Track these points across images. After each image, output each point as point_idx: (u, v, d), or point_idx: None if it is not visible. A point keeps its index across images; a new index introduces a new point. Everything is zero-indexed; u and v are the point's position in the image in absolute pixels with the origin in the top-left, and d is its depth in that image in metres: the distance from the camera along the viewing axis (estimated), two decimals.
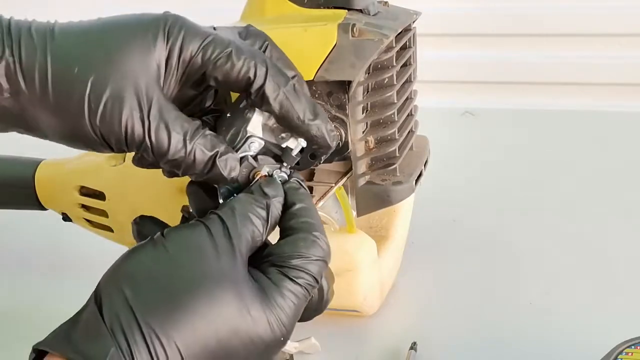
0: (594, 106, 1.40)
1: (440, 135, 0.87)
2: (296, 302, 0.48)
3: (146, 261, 0.46)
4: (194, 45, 0.50)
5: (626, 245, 0.87)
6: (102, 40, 0.50)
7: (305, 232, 0.50)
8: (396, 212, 0.80)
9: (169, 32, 0.50)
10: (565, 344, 0.71)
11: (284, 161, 0.54)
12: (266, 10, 0.70)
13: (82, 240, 0.88)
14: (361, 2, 0.69)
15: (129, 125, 0.49)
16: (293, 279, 0.48)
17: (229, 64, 0.51)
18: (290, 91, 0.52)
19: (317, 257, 0.50)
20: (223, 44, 0.51)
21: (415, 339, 0.72)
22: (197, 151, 0.50)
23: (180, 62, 0.51)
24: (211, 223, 0.48)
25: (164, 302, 0.45)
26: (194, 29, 0.51)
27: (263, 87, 0.51)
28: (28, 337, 0.79)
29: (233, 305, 0.46)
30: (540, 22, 1.49)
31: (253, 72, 0.51)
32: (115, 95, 0.48)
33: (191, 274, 0.46)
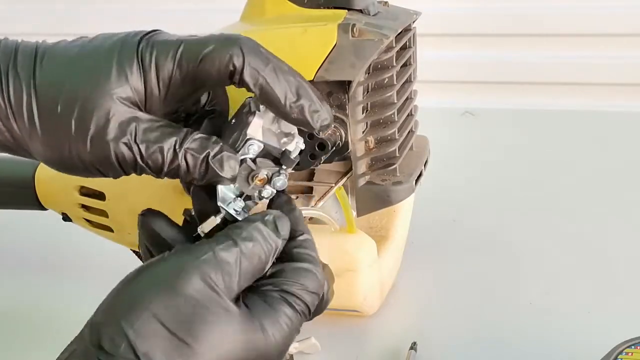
0: (594, 106, 1.40)
1: (440, 135, 0.87)
2: (291, 326, 0.49)
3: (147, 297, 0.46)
4: (169, 64, 0.51)
5: (626, 245, 0.87)
6: (81, 73, 0.51)
7: (308, 264, 0.51)
8: (396, 212, 0.80)
9: (142, 57, 0.51)
10: (565, 344, 0.71)
11: (283, 164, 0.54)
12: (266, 10, 0.70)
13: (82, 240, 0.88)
14: (361, 2, 0.69)
15: (119, 155, 0.50)
16: (290, 304, 0.49)
17: (206, 66, 0.51)
18: (270, 74, 0.51)
19: (314, 291, 0.51)
20: (195, 49, 0.51)
21: (415, 339, 0.72)
22: (188, 156, 0.50)
23: (160, 83, 0.51)
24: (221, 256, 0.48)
25: (167, 340, 0.44)
26: (165, 45, 0.51)
27: (242, 75, 0.51)
28: (28, 337, 0.79)
29: (232, 336, 0.46)
30: (540, 22, 1.49)
31: (231, 64, 0.50)
32: (99, 131, 0.50)
33: (193, 309, 0.45)
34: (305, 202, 0.75)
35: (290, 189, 0.76)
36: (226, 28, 0.73)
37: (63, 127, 0.50)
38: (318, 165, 0.69)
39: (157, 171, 0.51)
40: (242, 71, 0.50)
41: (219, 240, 0.49)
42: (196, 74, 0.51)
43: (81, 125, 0.50)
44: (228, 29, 0.72)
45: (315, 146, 0.66)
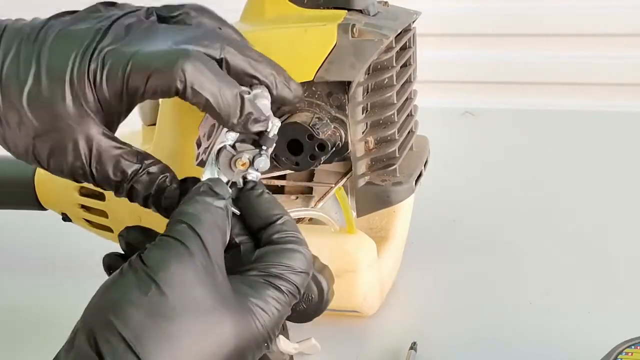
0: (594, 106, 1.40)
1: (440, 135, 0.87)
2: (279, 308, 0.49)
3: (134, 293, 0.46)
4: (118, 81, 0.51)
5: (626, 245, 0.87)
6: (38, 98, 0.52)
7: (291, 244, 0.51)
8: (396, 212, 0.80)
9: (95, 79, 0.51)
10: (565, 344, 0.71)
11: (262, 145, 0.54)
12: (266, 11, 0.70)
13: (82, 240, 0.88)
14: (361, 3, 0.69)
15: (74, 171, 0.53)
16: (276, 287, 0.49)
17: (154, 83, 0.51)
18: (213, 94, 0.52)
19: (301, 270, 0.51)
20: (142, 67, 0.51)
21: (415, 339, 0.72)
22: (135, 191, 0.54)
23: (113, 99, 0.52)
24: (186, 239, 0.48)
25: (158, 336, 0.45)
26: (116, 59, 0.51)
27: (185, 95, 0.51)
28: (28, 337, 0.79)
29: (222, 322, 0.46)
30: (540, 22, 1.49)
31: (174, 85, 0.51)
32: (57, 149, 0.52)
33: (179, 298, 0.46)
34: (305, 203, 0.75)
35: (290, 189, 0.76)
36: None
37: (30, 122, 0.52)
38: (318, 166, 0.69)
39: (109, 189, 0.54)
40: (185, 92, 0.51)
41: (173, 228, 0.49)
42: (146, 90, 0.51)
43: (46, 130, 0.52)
44: None
45: (315, 147, 0.66)
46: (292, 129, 0.67)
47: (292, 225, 0.52)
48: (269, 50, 0.68)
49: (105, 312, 0.45)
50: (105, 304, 0.46)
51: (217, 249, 0.48)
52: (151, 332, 0.44)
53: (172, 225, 0.49)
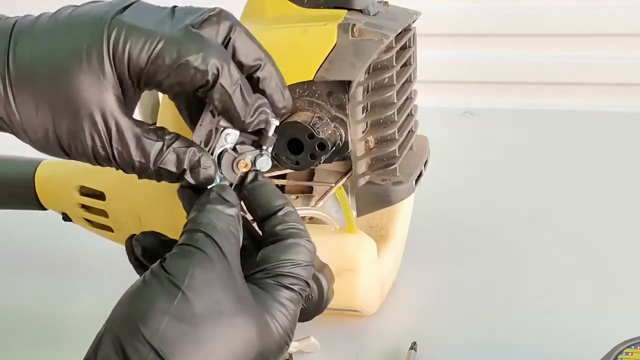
0: (594, 106, 1.40)
1: (440, 135, 0.87)
2: (294, 308, 0.50)
3: (161, 302, 0.46)
4: (143, 58, 0.49)
5: (626, 245, 0.87)
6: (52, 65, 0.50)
7: (295, 238, 0.51)
8: (396, 212, 0.80)
9: (114, 49, 0.49)
10: (565, 344, 0.71)
11: (262, 144, 0.54)
12: (266, 10, 0.70)
13: (82, 240, 0.88)
14: (361, 2, 0.69)
15: (95, 152, 0.50)
16: (288, 287, 0.50)
17: (181, 74, 0.50)
18: (236, 93, 0.51)
19: (307, 262, 0.51)
20: (174, 53, 0.49)
21: (415, 339, 0.72)
22: (163, 171, 0.51)
23: (133, 79, 0.50)
24: (205, 246, 0.48)
25: (186, 342, 0.45)
26: (140, 37, 0.49)
27: (212, 90, 0.51)
28: (28, 337, 0.79)
29: (246, 326, 0.47)
30: (540, 22, 1.49)
31: (204, 78, 0.50)
32: (75, 130, 0.50)
33: (205, 304, 0.46)
34: (305, 202, 0.75)
35: (290, 189, 0.76)
36: None
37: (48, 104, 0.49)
38: (318, 165, 0.69)
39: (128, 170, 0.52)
40: (213, 87, 0.50)
41: (190, 237, 0.48)
42: (167, 78, 0.50)
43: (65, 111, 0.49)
44: None
45: (315, 146, 0.66)
46: (292, 128, 0.67)
47: (294, 216, 0.52)
48: (269, 49, 0.68)
49: (132, 321, 0.45)
50: (132, 312, 0.46)
51: (233, 255, 0.49)
52: (179, 339, 0.45)
53: (188, 234, 0.49)
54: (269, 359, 0.48)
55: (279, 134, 0.67)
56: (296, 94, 0.69)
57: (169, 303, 0.45)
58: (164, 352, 0.44)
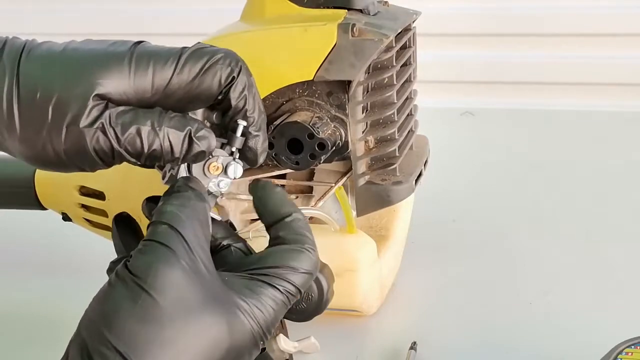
0: (594, 106, 1.40)
1: (440, 135, 0.87)
2: (275, 307, 0.49)
3: (125, 304, 0.45)
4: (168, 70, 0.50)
5: (626, 245, 0.87)
6: (66, 67, 0.50)
7: (298, 244, 0.51)
8: (396, 212, 0.80)
9: (137, 59, 0.50)
10: (565, 344, 0.71)
11: (231, 145, 0.53)
12: (266, 10, 0.70)
13: (82, 240, 0.88)
14: (361, 2, 0.69)
15: (95, 142, 0.49)
16: (273, 285, 0.49)
17: (208, 77, 0.50)
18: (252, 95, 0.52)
19: (305, 270, 0.50)
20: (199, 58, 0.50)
21: (415, 339, 0.72)
22: (171, 135, 0.50)
23: (153, 88, 0.50)
24: (169, 240, 0.47)
25: (152, 343, 0.44)
26: (165, 52, 0.51)
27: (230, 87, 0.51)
28: (28, 337, 0.79)
29: (214, 322, 0.46)
30: (540, 22, 1.49)
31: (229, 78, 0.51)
32: (74, 118, 0.49)
33: (170, 302, 0.45)
34: (305, 202, 0.75)
35: (290, 188, 0.76)
36: (226, 28, 0.73)
37: (40, 115, 0.49)
38: (318, 165, 0.69)
39: (137, 155, 0.50)
40: (232, 84, 0.51)
41: (154, 230, 0.48)
42: (194, 85, 0.50)
43: (57, 113, 0.49)
44: (228, 29, 0.72)
45: (315, 146, 0.66)
46: (292, 128, 0.67)
47: (301, 223, 0.52)
48: (269, 49, 0.68)
49: (97, 325, 0.45)
50: (97, 317, 0.46)
51: (201, 245, 0.48)
52: (146, 341, 0.44)
53: (153, 227, 0.48)
54: (242, 355, 0.47)
55: (279, 134, 0.67)
56: (296, 94, 0.69)
57: (133, 304, 0.45)
58: (130, 356, 0.44)
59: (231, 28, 0.72)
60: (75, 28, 1.11)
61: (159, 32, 1.61)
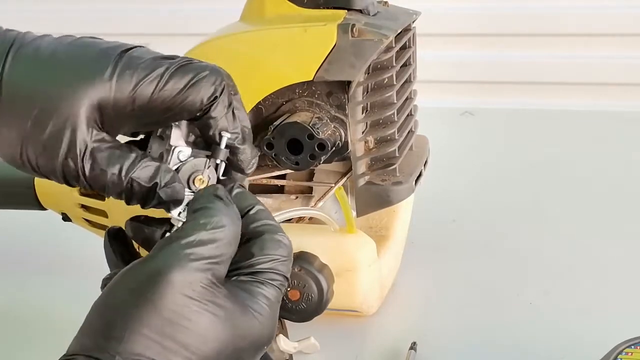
0: (594, 106, 1.40)
1: (440, 135, 0.87)
2: (274, 304, 0.49)
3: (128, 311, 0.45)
4: (151, 84, 0.49)
5: (626, 245, 0.87)
6: (50, 73, 0.49)
7: (270, 234, 0.50)
8: (396, 212, 0.80)
9: (121, 70, 0.49)
10: (565, 344, 0.71)
11: (215, 157, 0.53)
12: (266, 10, 0.70)
13: (82, 240, 0.88)
14: (361, 2, 0.69)
15: (65, 168, 0.50)
16: (265, 282, 0.49)
17: (191, 94, 0.50)
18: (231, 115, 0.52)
19: (284, 257, 0.50)
20: (186, 73, 0.50)
21: (415, 339, 0.72)
22: (135, 184, 0.50)
23: (135, 101, 0.50)
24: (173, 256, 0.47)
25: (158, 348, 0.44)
26: (152, 63, 0.50)
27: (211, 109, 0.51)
28: (28, 337, 0.79)
29: (220, 327, 0.46)
30: (540, 22, 1.49)
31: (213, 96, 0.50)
32: (52, 138, 0.49)
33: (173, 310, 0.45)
34: (305, 202, 0.75)
35: (290, 189, 0.76)
36: (226, 28, 0.73)
37: (19, 123, 0.49)
38: (318, 166, 0.69)
39: (101, 192, 0.51)
40: (214, 105, 0.50)
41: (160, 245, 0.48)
42: (176, 101, 0.50)
43: (36, 127, 0.49)
44: (228, 29, 0.72)
45: (315, 146, 0.66)
46: (292, 129, 0.67)
47: (265, 213, 0.51)
48: (269, 50, 0.68)
49: (102, 333, 0.45)
50: (101, 325, 0.45)
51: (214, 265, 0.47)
52: (151, 349, 0.44)
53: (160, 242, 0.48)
54: (252, 354, 0.48)
55: (279, 134, 0.67)
56: (296, 94, 0.69)
57: (138, 312, 0.45)
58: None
59: (231, 28, 0.72)
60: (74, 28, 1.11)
61: (159, 32, 1.62)
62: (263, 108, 0.70)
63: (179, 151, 0.53)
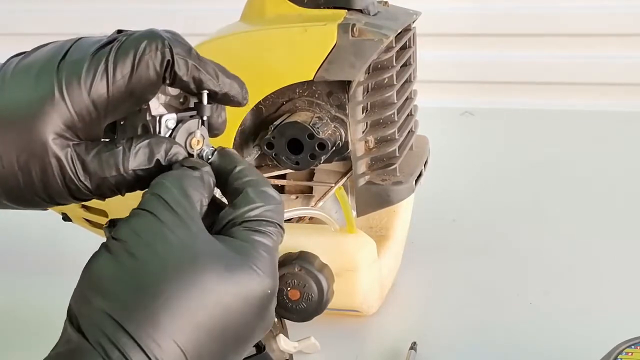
0: (594, 106, 1.40)
1: (440, 135, 0.87)
2: (270, 251, 0.47)
3: (108, 267, 0.45)
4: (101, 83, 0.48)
5: (626, 245, 0.87)
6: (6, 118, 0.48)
7: (254, 187, 0.49)
8: (396, 212, 0.80)
9: (68, 91, 0.48)
10: (565, 344, 0.71)
11: (201, 114, 0.53)
12: (266, 10, 0.70)
13: (82, 240, 0.87)
14: (361, 2, 0.69)
15: (69, 190, 0.50)
16: (259, 231, 0.48)
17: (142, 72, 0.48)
18: (196, 60, 0.50)
19: (274, 204, 0.49)
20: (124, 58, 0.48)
21: (415, 339, 0.72)
22: (139, 172, 0.50)
23: (96, 104, 0.49)
24: (151, 205, 0.46)
25: (143, 300, 0.43)
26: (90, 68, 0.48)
27: (173, 68, 0.49)
28: (28, 337, 0.79)
29: (212, 277, 0.45)
30: (540, 22, 1.49)
31: (165, 60, 0.49)
32: (42, 171, 0.49)
33: (157, 263, 0.44)
34: (306, 202, 0.75)
35: (290, 188, 0.76)
36: (226, 28, 0.73)
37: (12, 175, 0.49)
38: (318, 165, 0.69)
39: (114, 195, 0.51)
40: (173, 64, 0.49)
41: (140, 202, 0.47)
42: (132, 84, 0.49)
43: (26, 174, 0.49)
44: (228, 29, 0.72)
45: (315, 146, 0.66)
46: (292, 128, 0.67)
47: (248, 171, 0.50)
48: (269, 49, 0.68)
49: (85, 292, 0.45)
50: (85, 285, 0.45)
51: (187, 209, 0.47)
52: (135, 300, 0.43)
53: (143, 197, 0.48)
54: (257, 307, 0.46)
55: (279, 134, 0.67)
56: (296, 94, 0.69)
57: (118, 266, 0.44)
58: (120, 317, 0.43)
59: (231, 28, 0.72)
60: (74, 28, 1.11)
61: None
62: (263, 108, 0.70)
63: (166, 120, 0.52)
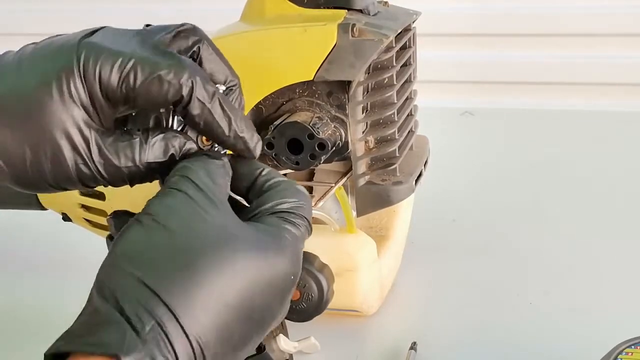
0: (594, 106, 1.40)
1: (440, 135, 0.87)
2: (298, 240, 0.48)
3: (143, 238, 0.45)
4: (114, 78, 0.49)
5: (626, 245, 0.87)
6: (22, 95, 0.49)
7: (286, 183, 0.50)
8: (396, 212, 0.80)
9: (85, 69, 0.48)
10: (565, 344, 0.71)
11: None
12: (266, 10, 0.70)
13: (82, 240, 0.88)
14: (361, 2, 0.69)
15: (79, 174, 0.50)
16: (289, 221, 0.48)
17: (153, 89, 0.49)
18: (215, 106, 0.50)
19: (305, 201, 0.50)
20: (145, 69, 0.49)
21: (415, 339, 0.72)
22: (153, 164, 0.51)
23: (107, 96, 0.49)
24: (181, 185, 0.47)
25: (179, 273, 0.43)
26: (110, 57, 0.49)
27: (188, 106, 0.50)
28: (28, 337, 0.79)
29: (246, 258, 0.45)
30: (540, 22, 1.49)
31: (179, 93, 0.49)
32: (53, 153, 0.49)
33: (193, 238, 0.45)
34: None
35: None
36: (226, 28, 0.73)
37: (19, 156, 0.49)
38: (318, 165, 0.69)
39: (119, 182, 0.51)
40: (189, 103, 0.49)
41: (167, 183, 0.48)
42: (141, 95, 0.49)
43: (35, 152, 0.49)
44: (228, 29, 0.72)
45: (315, 146, 0.66)
46: (292, 128, 0.67)
47: (274, 172, 0.51)
48: (269, 49, 0.68)
49: (118, 262, 0.44)
50: (117, 255, 0.45)
51: (215, 193, 0.47)
52: (171, 271, 0.43)
53: (166, 182, 0.48)
54: (279, 293, 0.46)
55: (279, 134, 0.67)
56: (296, 94, 0.69)
57: (152, 239, 0.44)
58: (156, 287, 0.43)
59: (231, 28, 0.72)
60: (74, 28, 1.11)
61: None
62: (263, 108, 0.70)
63: (177, 115, 0.53)
